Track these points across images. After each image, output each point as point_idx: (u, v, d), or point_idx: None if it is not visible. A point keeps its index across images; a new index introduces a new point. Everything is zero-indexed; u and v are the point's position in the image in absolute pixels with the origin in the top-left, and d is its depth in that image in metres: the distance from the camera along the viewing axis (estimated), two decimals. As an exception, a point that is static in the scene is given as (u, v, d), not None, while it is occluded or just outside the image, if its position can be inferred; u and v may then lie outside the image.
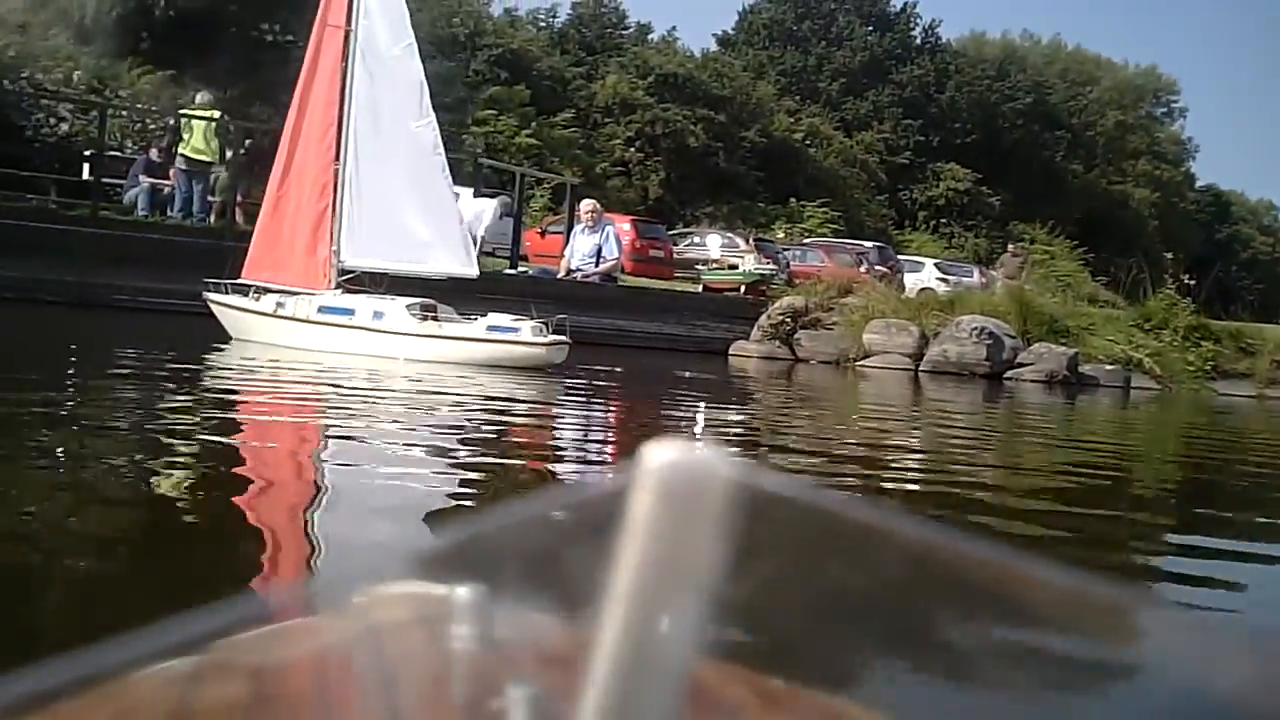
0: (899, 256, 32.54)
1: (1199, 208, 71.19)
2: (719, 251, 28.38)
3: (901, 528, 0.53)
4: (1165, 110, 71.69)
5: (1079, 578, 0.52)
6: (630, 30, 51.61)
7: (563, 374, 11.26)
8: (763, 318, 19.84)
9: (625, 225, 23.28)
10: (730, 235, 31.02)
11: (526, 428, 7.80)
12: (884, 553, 0.54)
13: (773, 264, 24.19)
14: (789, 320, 19.66)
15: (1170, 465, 9.39)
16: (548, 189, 31.59)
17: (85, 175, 21.22)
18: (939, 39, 59.20)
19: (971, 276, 31.04)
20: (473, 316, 11.69)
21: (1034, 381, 18.83)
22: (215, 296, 12.36)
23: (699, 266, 24.87)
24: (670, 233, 30.17)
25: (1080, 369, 19.59)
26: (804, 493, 0.50)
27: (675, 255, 27.01)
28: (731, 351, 19.25)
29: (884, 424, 10.58)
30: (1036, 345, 19.64)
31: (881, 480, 6.29)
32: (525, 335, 11.28)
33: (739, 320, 19.99)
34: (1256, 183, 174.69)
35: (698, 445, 0.47)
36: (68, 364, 9.52)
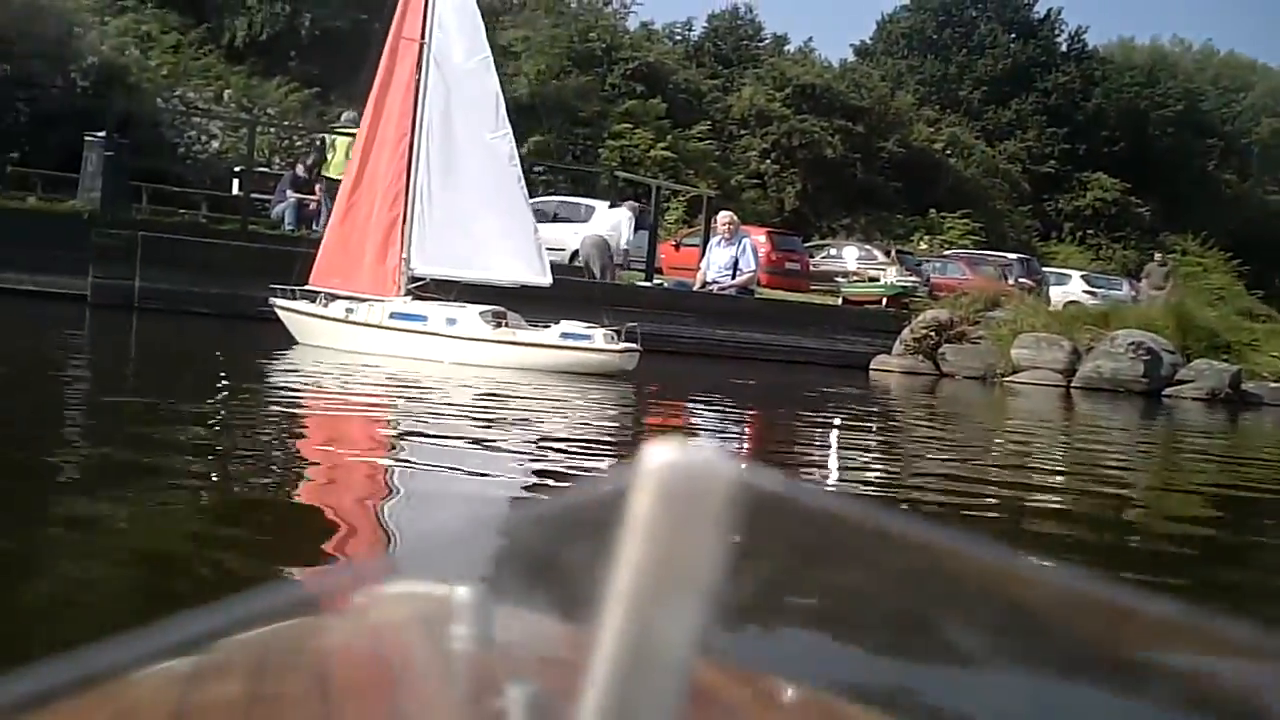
0: (1044, 269, 31.54)
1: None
2: (856, 264, 27.86)
3: (903, 528, 0.52)
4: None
5: (1079, 578, 0.52)
6: (766, 42, 51.20)
7: (691, 388, 11.07)
8: (905, 331, 19.28)
9: (761, 237, 22.93)
10: (867, 247, 30.46)
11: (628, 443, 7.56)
12: (885, 553, 0.54)
13: (915, 276, 23.58)
14: (933, 334, 19.08)
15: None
16: (682, 201, 31.42)
17: (234, 191, 21.76)
18: (1085, 46, 57.49)
19: (1121, 289, 29.93)
20: (544, 323, 11.77)
21: (1194, 399, 17.96)
22: (283, 302, 12.58)
23: (839, 279, 24.38)
24: (806, 245, 29.71)
25: (1243, 386, 18.65)
26: (804, 493, 0.50)
27: (811, 267, 26.58)
28: (873, 366, 18.75)
29: (1034, 443, 10.10)
30: (1197, 361, 18.77)
31: (1031, 504, 5.94)
32: (598, 342, 11.35)
33: (881, 334, 19.47)
34: None
35: (698, 445, 0.47)
36: (203, 369, 9.69)
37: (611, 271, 19.01)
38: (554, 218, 24.67)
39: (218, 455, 5.41)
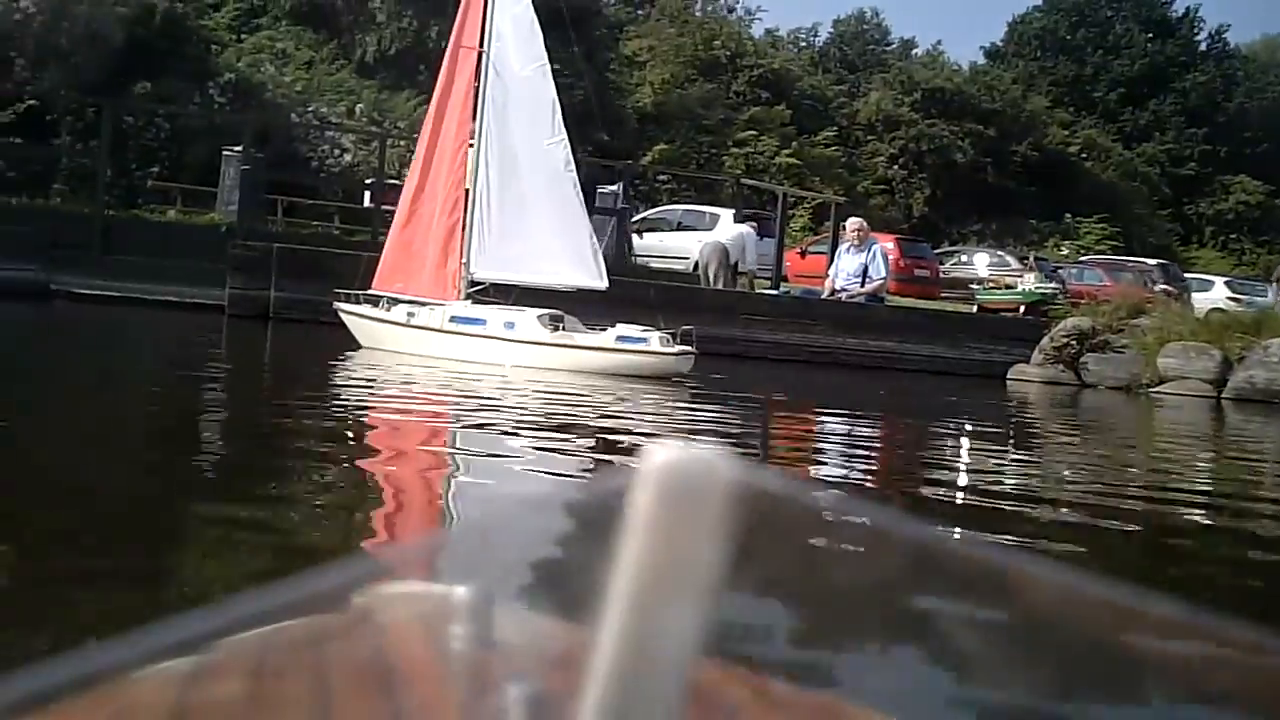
0: (1185, 274, 30.32)
1: None
2: (987, 270, 27.12)
3: (900, 528, 0.53)
4: None
5: (1077, 577, 0.52)
6: (893, 46, 50.59)
7: (820, 397, 10.82)
8: (1045, 340, 18.58)
9: (889, 244, 22.42)
10: (1000, 253, 29.66)
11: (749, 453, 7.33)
12: (883, 552, 0.53)
13: (1055, 283, 22.81)
14: (1074, 343, 18.36)
15: None
16: (808, 208, 31.04)
17: (366, 203, 22.07)
18: (1226, 44, 55.48)
19: (1268, 295, 28.59)
20: (600, 326, 11.83)
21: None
22: (347, 306, 12.76)
23: (973, 286, 23.74)
24: (936, 251, 29.08)
25: None
26: (803, 493, 0.51)
27: (941, 274, 25.96)
28: (1010, 376, 18.13)
29: (1183, 458, 9.58)
30: (1361, 371, 17.70)
31: (1177, 524, 5.56)
32: (653, 345, 11.39)
33: (1018, 342, 18.82)
34: None
35: (698, 446, 0.48)
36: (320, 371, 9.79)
37: (729, 279, 18.77)
38: (678, 226, 24.55)
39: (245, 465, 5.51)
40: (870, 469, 7.29)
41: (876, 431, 10.16)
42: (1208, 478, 8.24)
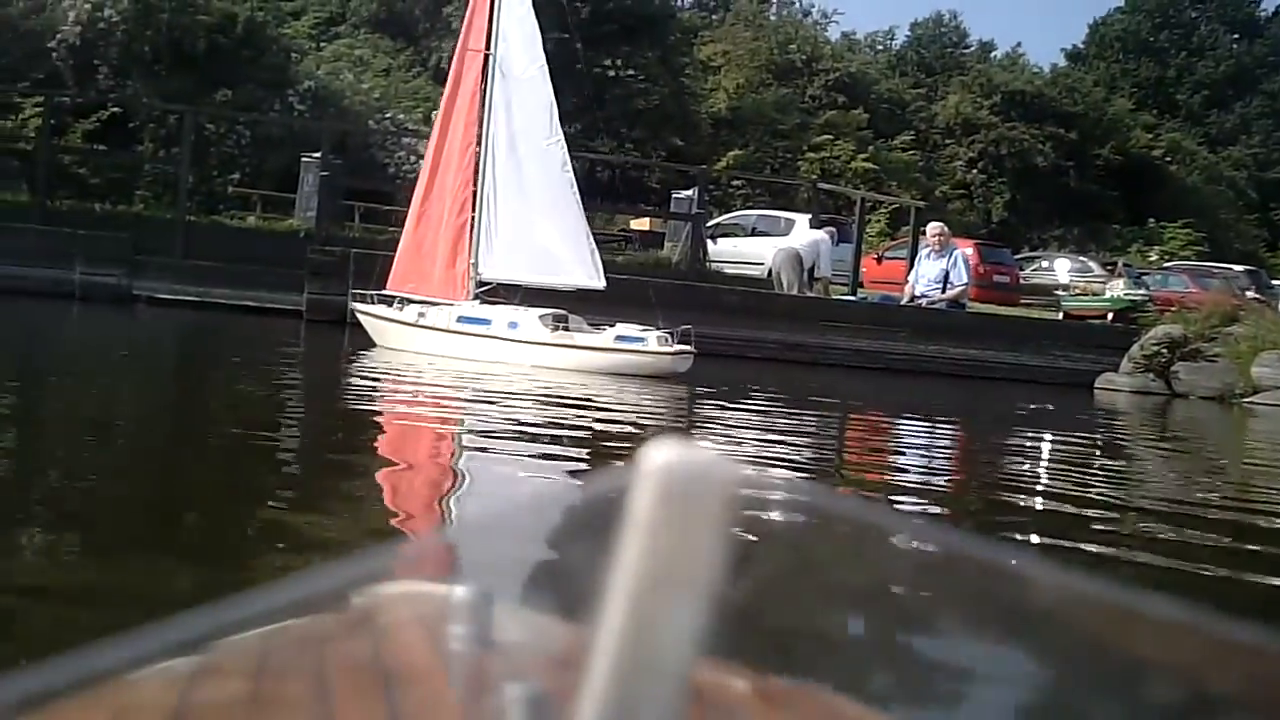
0: (1274, 281, 29.41)
1: None
2: (1068, 276, 26.54)
3: (900, 528, 0.52)
4: None
5: (1078, 578, 0.52)
6: (972, 49, 49.81)
7: (894, 408, 10.54)
8: (1134, 348, 18.06)
9: (968, 249, 21.96)
10: (1082, 259, 29.02)
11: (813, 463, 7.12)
12: (883, 553, 0.54)
13: (1141, 289, 22.20)
14: (1165, 351, 17.82)
15: None
16: (885, 213, 30.62)
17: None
18: (1316, 44, 54.02)
19: (1364, 304, 27.65)
20: (602, 326, 11.94)
21: None
22: (362, 307, 12.97)
23: (1058, 292, 23.19)
24: (1016, 257, 28.51)
25: None
26: (803, 493, 0.51)
27: (1021, 280, 25.43)
28: (1098, 385, 17.64)
29: (1272, 473, 9.21)
30: None
31: (1267, 538, 5.26)
32: (651, 345, 11.46)
33: (1106, 350, 18.31)
34: None
35: (697, 446, 0.48)
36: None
37: (803, 285, 18.48)
38: (752, 231, 24.29)
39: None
40: (951, 478, 7.06)
41: (958, 440, 9.89)
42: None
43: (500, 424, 7.51)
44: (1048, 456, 8.88)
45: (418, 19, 33.53)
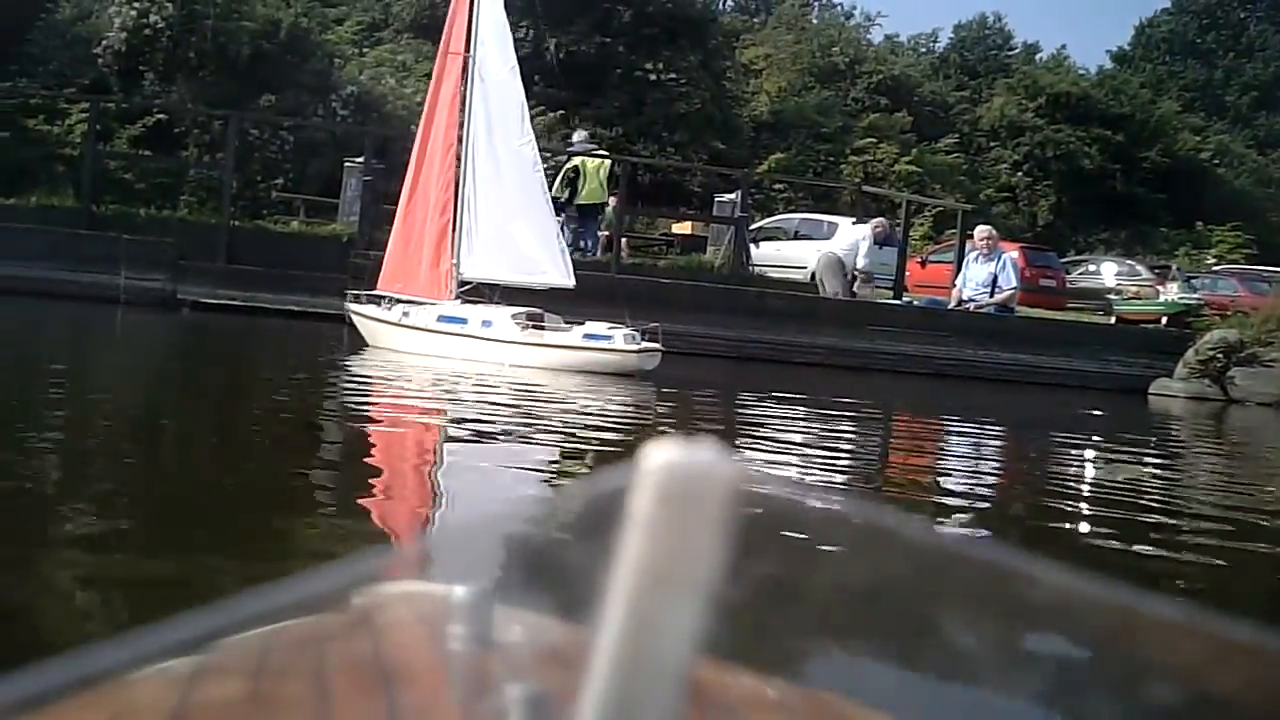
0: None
1: None
2: (1115, 280, 26.14)
3: (900, 527, 0.53)
4: None
5: (1078, 578, 0.52)
6: (1016, 51, 49.31)
7: (943, 416, 10.29)
8: (1189, 353, 17.69)
9: (1014, 253, 21.63)
10: (1129, 262, 28.58)
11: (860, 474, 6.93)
12: (883, 553, 0.54)
13: (1202, 294, 21.78)
14: (1220, 356, 17.45)
15: None
16: (929, 216, 30.30)
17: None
18: (1369, 43, 53.15)
19: None
20: (574, 324, 12.03)
21: None
22: (354, 307, 13.15)
23: (1111, 296, 22.80)
24: (1062, 260, 28.12)
25: None
26: (803, 494, 0.54)
27: (1067, 284, 25.06)
28: (1152, 390, 17.30)
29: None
30: None
31: None
32: (618, 343, 11.50)
33: (1160, 355, 17.95)
34: None
35: (697, 446, 0.48)
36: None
37: (847, 289, 18.22)
38: (795, 235, 24.08)
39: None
40: (1001, 484, 6.87)
41: (1015, 448, 9.67)
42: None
43: (501, 424, 7.46)
44: (1112, 463, 8.66)
45: (458, 24, 33.54)
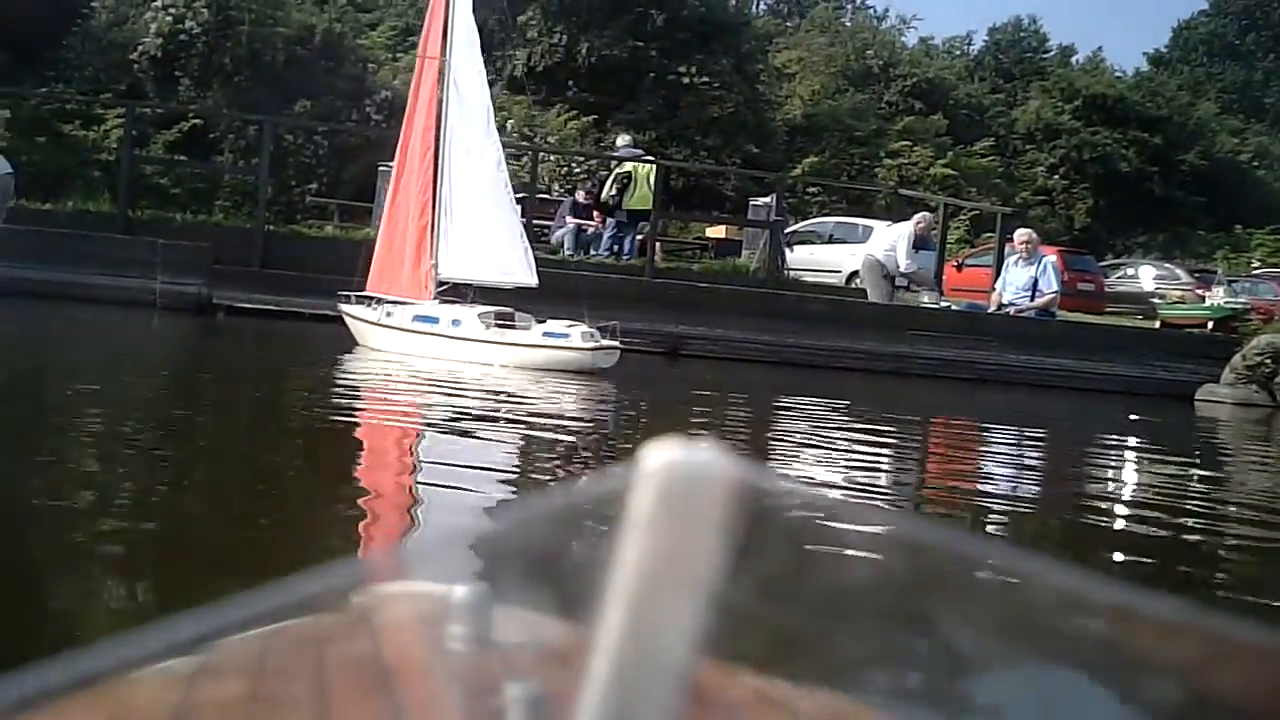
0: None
1: None
2: (1153, 283, 25.80)
3: (900, 527, 0.52)
4: None
5: (1079, 578, 0.52)
6: (1052, 53, 48.85)
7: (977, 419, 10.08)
8: (1236, 358, 17.35)
9: (1051, 256, 21.34)
10: (1167, 266, 28.21)
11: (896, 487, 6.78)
12: (882, 552, 0.53)
13: (1244, 298, 21.38)
14: (1268, 361, 17.12)
15: None
16: (965, 220, 30.02)
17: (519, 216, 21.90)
18: None
19: None
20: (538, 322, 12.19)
21: None
22: (345, 307, 13.30)
23: (1155, 300, 22.46)
24: (1100, 264, 27.76)
25: None
26: (803, 494, 0.55)
27: (1105, 288, 24.72)
28: (1198, 396, 16.98)
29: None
30: None
31: None
32: (575, 341, 11.62)
33: (1206, 361, 17.62)
34: None
35: (697, 446, 0.48)
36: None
37: (889, 293, 17.99)
38: (829, 239, 23.88)
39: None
40: (1040, 490, 6.70)
41: (1058, 452, 9.47)
42: None
43: (502, 423, 7.46)
44: (1157, 470, 8.46)
45: (492, 29, 33.50)
